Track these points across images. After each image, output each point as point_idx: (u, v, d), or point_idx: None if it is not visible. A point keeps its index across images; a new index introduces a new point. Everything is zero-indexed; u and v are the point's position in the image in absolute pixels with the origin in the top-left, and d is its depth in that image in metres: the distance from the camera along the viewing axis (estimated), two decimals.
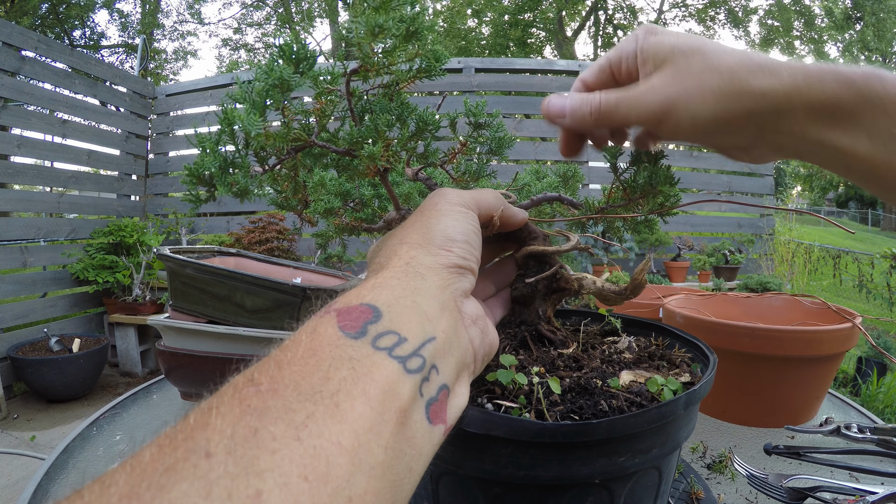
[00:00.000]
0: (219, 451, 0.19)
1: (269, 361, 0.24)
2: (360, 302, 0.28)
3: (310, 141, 0.44)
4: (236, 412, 0.21)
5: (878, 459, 0.68)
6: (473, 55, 13.45)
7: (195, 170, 0.40)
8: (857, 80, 0.32)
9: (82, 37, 11.68)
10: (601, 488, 0.38)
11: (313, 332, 0.26)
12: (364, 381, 0.24)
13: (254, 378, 0.23)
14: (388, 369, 0.25)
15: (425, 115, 0.45)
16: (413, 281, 0.31)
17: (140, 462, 0.19)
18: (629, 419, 0.36)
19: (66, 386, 3.11)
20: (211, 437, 0.20)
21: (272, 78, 0.39)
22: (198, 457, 0.19)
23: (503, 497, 0.39)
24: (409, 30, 0.39)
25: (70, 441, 0.81)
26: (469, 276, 0.35)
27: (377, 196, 0.53)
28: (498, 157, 0.51)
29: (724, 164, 4.42)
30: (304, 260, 3.74)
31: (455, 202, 0.38)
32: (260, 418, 0.21)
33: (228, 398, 0.22)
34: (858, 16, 12.17)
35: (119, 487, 0.18)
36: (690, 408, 0.39)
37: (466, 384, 0.33)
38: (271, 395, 0.22)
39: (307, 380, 0.23)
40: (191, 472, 0.18)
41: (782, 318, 0.97)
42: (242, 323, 0.92)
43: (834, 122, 0.33)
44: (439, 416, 0.28)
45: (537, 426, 0.35)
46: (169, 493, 0.18)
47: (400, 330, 0.27)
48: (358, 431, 0.22)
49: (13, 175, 3.50)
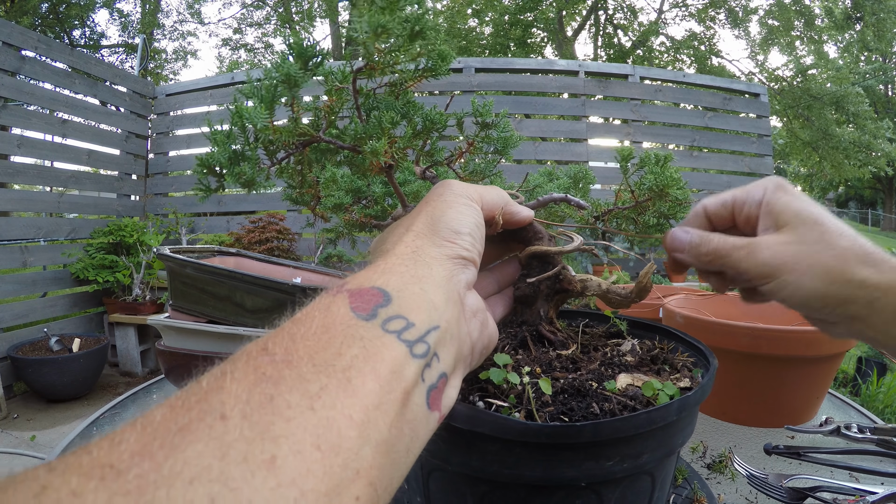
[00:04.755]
0: (234, 414, 0.19)
1: (282, 333, 0.25)
2: (371, 285, 0.29)
3: (316, 136, 0.44)
4: (251, 378, 0.21)
5: (878, 459, 0.68)
6: (474, 55, 13.45)
7: (207, 160, 0.41)
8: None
9: (82, 37, 11.67)
10: (589, 492, 0.38)
11: (327, 310, 0.27)
12: (374, 360, 0.25)
13: (268, 348, 0.24)
14: (397, 351, 0.26)
15: (432, 114, 0.45)
16: (420, 269, 0.32)
17: (151, 421, 0.19)
18: (616, 423, 0.35)
19: (66, 386, 3.11)
20: (226, 401, 0.20)
21: (280, 73, 0.39)
22: (213, 418, 0.19)
23: (490, 495, 0.39)
24: (414, 29, 0.40)
25: (70, 441, 0.81)
26: (472, 268, 0.36)
27: (388, 194, 0.53)
28: (503, 157, 0.51)
29: (724, 165, 4.42)
30: (304, 260, 3.74)
31: (460, 194, 0.38)
32: (276, 386, 0.21)
33: (243, 364, 0.22)
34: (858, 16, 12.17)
35: (130, 445, 0.18)
36: (685, 413, 0.39)
37: (461, 376, 0.33)
38: (286, 365, 0.23)
39: (321, 354, 0.24)
40: (206, 432, 0.18)
41: (782, 318, 0.97)
42: (242, 323, 0.92)
43: None
44: (436, 403, 0.29)
45: (521, 425, 0.35)
46: (183, 453, 0.17)
47: (408, 315, 0.28)
48: (367, 407, 0.23)
49: (13, 175, 3.50)
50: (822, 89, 11.18)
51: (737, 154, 4.53)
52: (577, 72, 4.36)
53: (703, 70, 13.05)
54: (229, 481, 0.17)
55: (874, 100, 14.07)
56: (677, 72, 5.15)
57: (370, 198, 0.52)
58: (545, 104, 4.49)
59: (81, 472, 0.16)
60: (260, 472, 0.18)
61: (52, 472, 0.16)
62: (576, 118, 4.47)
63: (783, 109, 11.95)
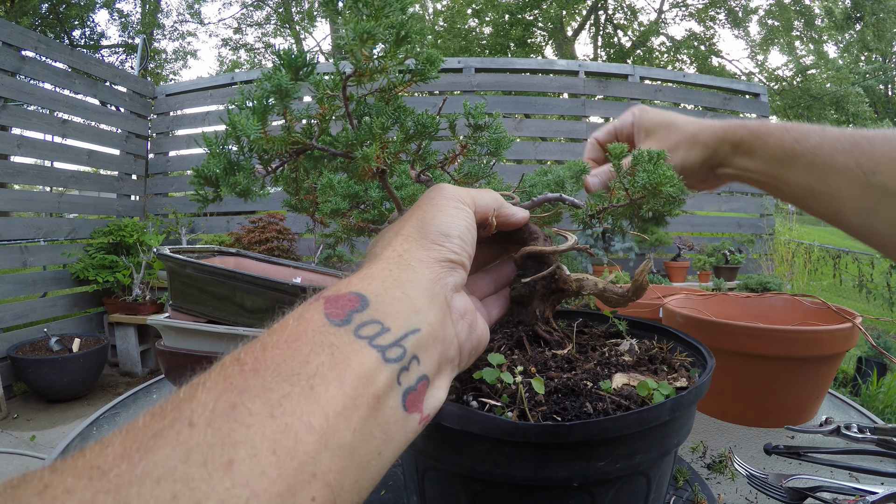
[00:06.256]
0: (200, 421, 0.21)
1: (257, 343, 0.26)
2: (348, 290, 0.30)
3: (309, 144, 0.44)
4: (220, 388, 0.23)
5: (878, 459, 0.68)
6: (474, 55, 13.45)
7: (202, 171, 0.41)
8: (753, 126, 0.52)
9: (82, 37, 11.67)
10: (582, 492, 0.37)
11: (300, 318, 0.28)
12: (340, 367, 0.25)
13: (240, 358, 0.25)
14: (366, 357, 0.27)
15: (423, 118, 0.45)
16: (404, 273, 0.32)
17: (135, 427, 0.21)
18: (606, 422, 0.35)
19: (66, 386, 3.11)
20: (195, 409, 0.22)
21: (272, 84, 0.39)
22: (182, 425, 0.21)
23: (483, 494, 0.39)
24: (400, 35, 0.40)
25: (70, 441, 0.81)
26: (460, 271, 0.36)
27: (385, 198, 0.53)
28: (497, 159, 0.51)
29: None
30: (304, 260, 3.74)
31: (451, 197, 0.38)
32: (240, 395, 0.23)
33: (215, 375, 0.24)
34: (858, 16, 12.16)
35: (114, 448, 0.20)
36: (679, 413, 0.38)
37: (449, 377, 0.33)
38: (253, 374, 0.24)
39: (288, 362, 0.25)
40: (174, 438, 0.21)
41: (782, 318, 0.97)
42: (242, 323, 0.92)
43: (744, 152, 0.53)
44: (416, 406, 0.29)
45: (510, 425, 0.35)
46: (154, 456, 0.20)
47: (384, 320, 0.29)
48: (328, 413, 0.24)
49: (13, 175, 3.50)
50: (821, 89, 11.18)
51: None
52: (577, 72, 4.36)
53: (703, 70, 13.05)
54: (190, 481, 0.19)
55: (874, 100, 14.03)
56: (677, 72, 5.14)
57: (368, 202, 0.52)
58: (545, 104, 4.49)
59: (75, 473, 0.19)
60: (217, 474, 0.20)
61: (54, 472, 0.19)
62: (576, 118, 4.47)
63: (783, 109, 11.95)
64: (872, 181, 0.44)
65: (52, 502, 0.18)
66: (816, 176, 0.47)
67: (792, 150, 0.49)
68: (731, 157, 0.54)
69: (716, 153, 0.54)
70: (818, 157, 0.47)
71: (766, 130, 0.51)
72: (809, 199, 0.49)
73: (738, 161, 0.53)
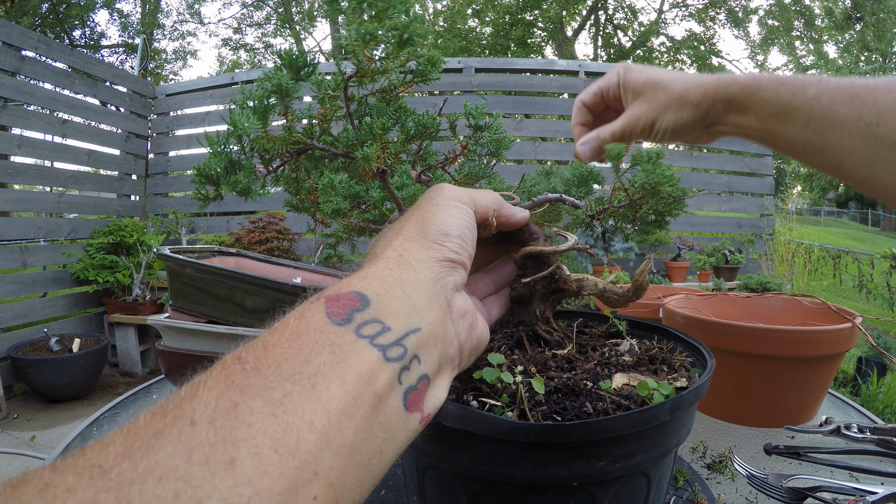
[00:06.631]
0: (202, 420, 0.21)
1: (258, 342, 0.26)
2: (349, 290, 0.30)
3: (310, 144, 0.44)
4: (221, 386, 0.23)
5: (878, 459, 0.68)
6: (474, 55, 13.45)
7: (203, 170, 0.41)
8: (745, 82, 0.49)
9: (82, 37, 11.67)
10: (582, 492, 0.37)
11: (301, 317, 0.28)
12: (342, 366, 0.25)
13: (241, 357, 0.25)
14: (367, 356, 0.27)
15: (423, 119, 0.45)
16: (405, 272, 0.32)
17: (136, 426, 0.21)
18: (606, 422, 0.35)
19: (66, 386, 3.11)
20: (196, 408, 0.22)
21: (272, 84, 0.39)
22: (183, 423, 0.21)
23: (483, 494, 0.39)
24: (402, 37, 0.40)
25: (70, 441, 0.81)
26: (460, 271, 0.36)
27: (385, 198, 0.53)
28: (497, 159, 0.51)
29: (723, 165, 4.42)
30: (304, 260, 3.74)
31: (452, 197, 0.38)
32: (241, 393, 0.23)
33: (217, 374, 0.24)
34: (858, 16, 12.16)
35: (115, 447, 0.20)
36: (679, 413, 0.38)
37: (449, 377, 0.33)
38: (254, 373, 0.24)
39: (289, 361, 0.25)
40: (176, 437, 0.20)
41: (782, 318, 0.97)
42: (242, 323, 0.92)
43: (737, 110, 0.50)
44: (417, 405, 0.29)
45: (510, 424, 0.35)
46: (156, 454, 0.20)
47: (385, 319, 0.29)
48: (330, 412, 0.24)
49: (13, 175, 3.50)
50: None
51: (736, 154, 4.52)
52: (578, 72, 4.36)
53: (704, 70, 13.04)
54: (192, 480, 0.19)
55: None
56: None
57: (369, 202, 0.53)
58: (545, 104, 4.49)
59: (76, 472, 0.19)
60: (219, 472, 0.20)
61: (55, 471, 0.19)
62: None
63: None
64: (875, 133, 0.42)
65: (53, 501, 0.17)
66: (815, 129, 0.45)
67: (788, 103, 0.46)
68: (725, 115, 0.51)
69: (707, 113, 0.51)
70: (816, 109, 0.45)
71: (760, 85, 0.49)
72: (809, 153, 0.47)
73: (732, 118, 0.51)
